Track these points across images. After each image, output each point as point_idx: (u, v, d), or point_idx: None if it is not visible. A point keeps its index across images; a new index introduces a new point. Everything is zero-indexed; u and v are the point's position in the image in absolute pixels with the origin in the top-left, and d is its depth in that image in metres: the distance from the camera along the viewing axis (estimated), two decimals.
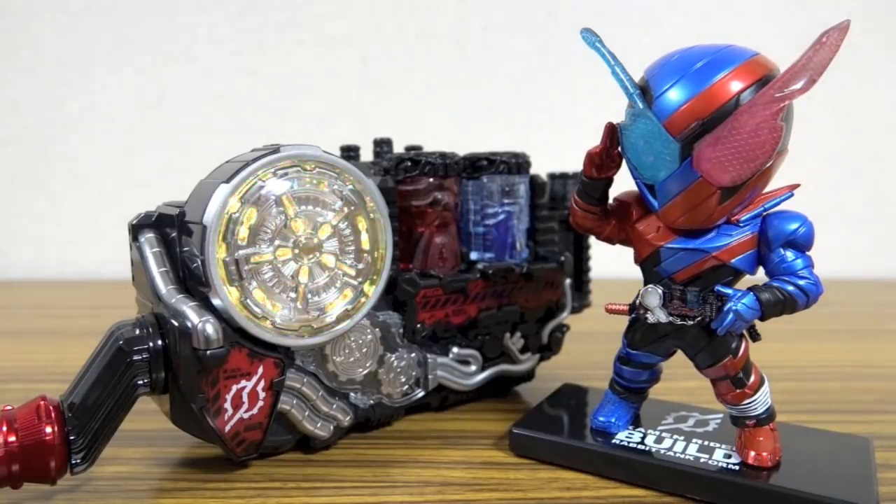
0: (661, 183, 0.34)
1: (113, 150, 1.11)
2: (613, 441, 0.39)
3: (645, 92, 0.34)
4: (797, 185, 0.35)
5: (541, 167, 0.52)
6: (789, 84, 0.31)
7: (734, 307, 0.33)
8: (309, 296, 0.39)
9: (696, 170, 0.32)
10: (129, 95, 1.10)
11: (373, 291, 0.41)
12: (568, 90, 1.10)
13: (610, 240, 0.40)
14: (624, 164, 0.37)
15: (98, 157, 1.11)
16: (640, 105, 0.34)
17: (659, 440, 0.39)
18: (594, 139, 0.37)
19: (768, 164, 0.32)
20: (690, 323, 0.36)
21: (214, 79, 1.11)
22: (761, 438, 0.37)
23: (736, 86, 0.32)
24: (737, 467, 0.36)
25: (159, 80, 1.10)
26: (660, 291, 0.36)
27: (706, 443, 0.39)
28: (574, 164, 0.46)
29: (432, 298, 0.45)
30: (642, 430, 0.41)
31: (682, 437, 0.40)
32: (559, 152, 0.68)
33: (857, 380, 0.57)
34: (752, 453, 0.36)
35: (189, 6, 1.09)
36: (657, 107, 0.33)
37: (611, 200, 0.40)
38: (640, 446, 0.39)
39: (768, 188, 0.34)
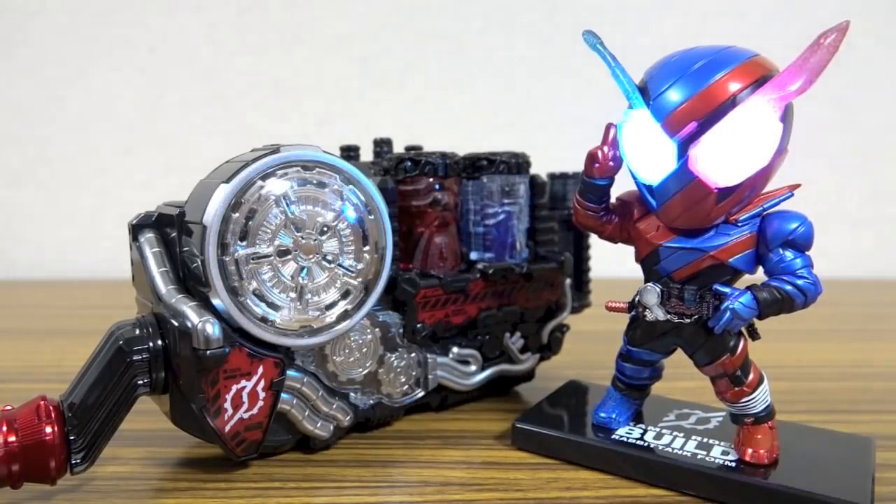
0: (659, 183, 0.34)
1: (113, 150, 1.11)
2: (613, 437, 0.40)
3: (644, 92, 0.34)
4: (798, 185, 0.35)
5: (541, 167, 0.52)
6: (786, 84, 0.31)
7: (731, 306, 0.33)
8: (309, 296, 0.39)
9: (693, 170, 0.32)
10: (129, 95, 1.11)
11: (373, 291, 0.41)
12: (568, 90, 1.10)
13: (612, 238, 0.40)
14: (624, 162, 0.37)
15: (98, 157, 1.11)
16: (639, 105, 0.34)
17: (658, 436, 0.39)
18: (594, 139, 0.37)
19: (766, 165, 0.32)
20: (688, 321, 0.36)
21: (214, 79, 1.11)
22: (759, 436, 0.37)
23: (733, 86, 0.32)
24: (734, 464, 0.36)
25: (159, 80, 1.11)
26: (658, 290, 0.36)
27: (705, 440, 0.39)
28: (574, 164, 0.46)
29: (432, 298, 0.45)
30: (643, 426, 0.41)
31: (681, 434, 0.40)
32: (559, 152, 0.68)
33: (857, 380, 0.57)
34: (749, 450, 0.36)
35: (189, 6, 1.09)
36: (656, 106, 0.33)
37: (613, 199, 0.40)
38: (639, 442, 0.39)
39: (768, 188, 0.34)
